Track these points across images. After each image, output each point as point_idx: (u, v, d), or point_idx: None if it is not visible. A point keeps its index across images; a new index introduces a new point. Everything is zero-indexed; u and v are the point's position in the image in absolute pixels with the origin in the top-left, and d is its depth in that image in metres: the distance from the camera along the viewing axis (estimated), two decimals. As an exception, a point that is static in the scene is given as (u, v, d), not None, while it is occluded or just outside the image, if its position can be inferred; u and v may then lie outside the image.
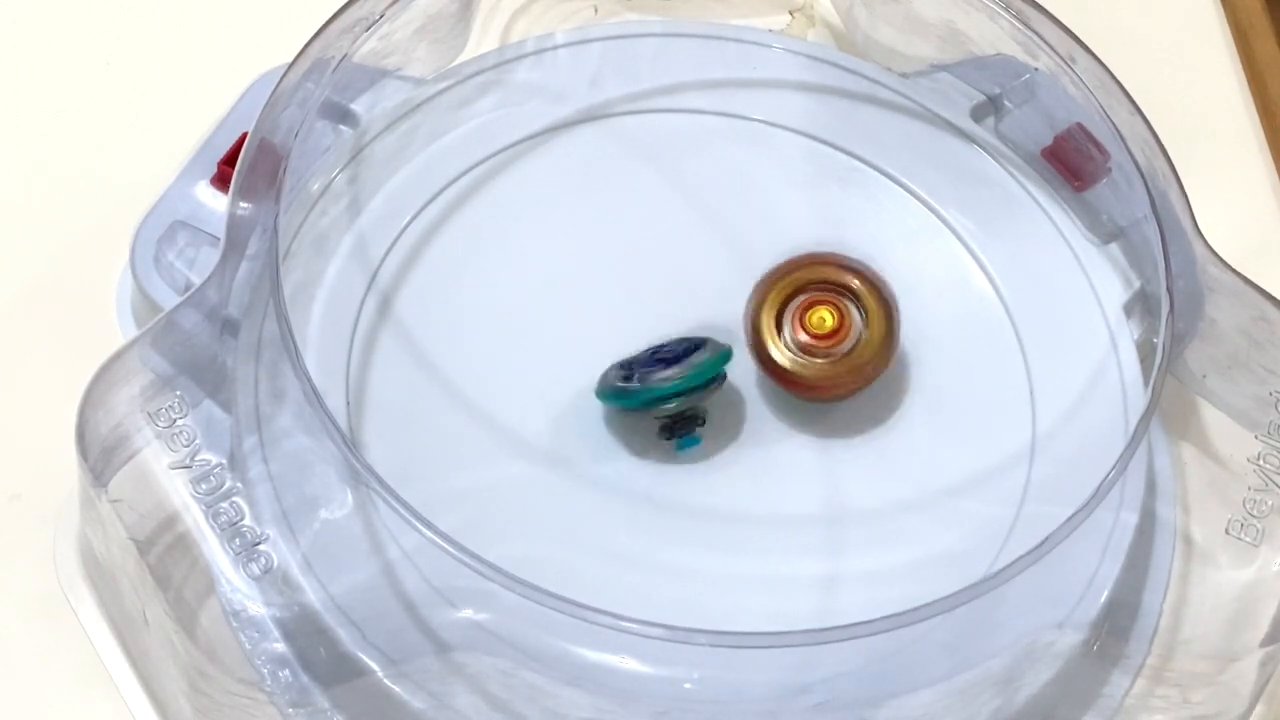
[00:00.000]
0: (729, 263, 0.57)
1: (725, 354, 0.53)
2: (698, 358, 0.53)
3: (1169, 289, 0.53)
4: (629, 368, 0.53)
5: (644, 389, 0.52)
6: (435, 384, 0.54)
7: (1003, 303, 0.57)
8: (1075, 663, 0.51)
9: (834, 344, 0.53)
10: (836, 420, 0.55)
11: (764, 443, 0.54)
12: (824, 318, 0.53)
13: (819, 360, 0.53)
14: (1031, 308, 0.57)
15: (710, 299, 0.56)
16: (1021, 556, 0.47)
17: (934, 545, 0.53)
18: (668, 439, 0.53)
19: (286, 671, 0.48)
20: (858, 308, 0.54)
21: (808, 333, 0.53)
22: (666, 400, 0.52)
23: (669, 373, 0.52)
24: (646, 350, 0.54)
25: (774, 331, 0.53)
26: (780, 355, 0.53)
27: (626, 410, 0.53)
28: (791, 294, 0.54)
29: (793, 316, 0.53)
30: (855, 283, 0.54)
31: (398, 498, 0.46)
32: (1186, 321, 0.55)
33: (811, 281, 0.54)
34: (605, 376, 0.53)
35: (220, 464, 0.48)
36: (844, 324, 0.53)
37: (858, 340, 0.53)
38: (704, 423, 0.53)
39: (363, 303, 0.55)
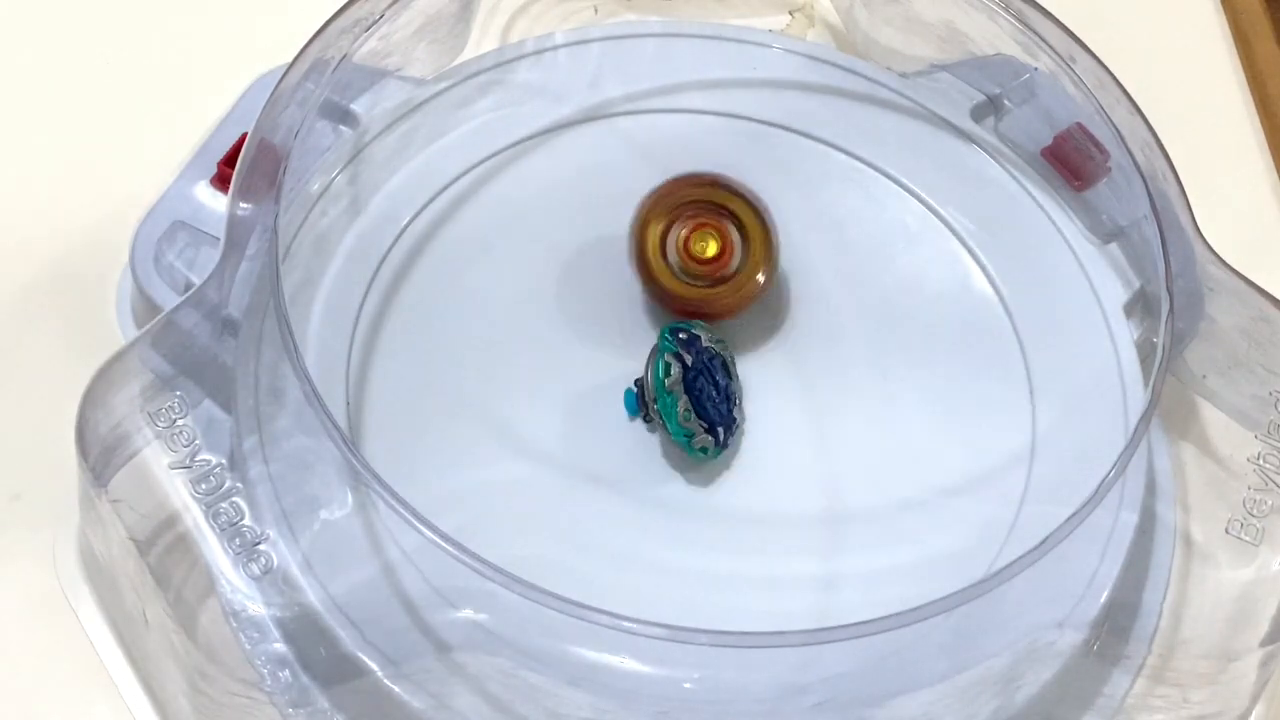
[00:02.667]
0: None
1: (703, 455, 0.53)
2: (698, 435, 0.53)
3: (1169, 289, 0.52)
4: (689, 349, 0.54)
5: (661, 378, 0.53)
6: (436, 384, 0.54)
7: (1003, 303, 0.57)
8: (1075, 662, 0.51)
9: (718, 268, 0.54)
10: (837, 419, 0.55)
11: (764, 443, 0.54)
12: (707, 244, 0.54)
13: (702, 283, 0.55)
14: (1032, 308, 0.57)
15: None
16: (1021, 557, 0.47)
17: (934, 545, 0.53)
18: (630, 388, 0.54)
19: (286, 672, 0.48)
20: (738, 230, 0.55)
21: (692, 258, 0.54)
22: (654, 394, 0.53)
23: (675, 409, 0.53)
24: (716, 364, 0.54)
25: (659, 255, 0.55)
26: (665, 279, 0.55)
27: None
28: (674, 217, 0.55)
29: (677, 242, 0.55)
30: (734, 205, 0.55)
31: (397, 497, 0.46)
32: (1187, 321, 0.55)
33: (693, 202, 0.55)
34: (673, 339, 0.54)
35: (220, 464, 0.48)
36: (726, 249, 0.55)
37: (739, 264, 0.55)
38: (648, 421, 0.54)
39: (363, 303, 0.55)
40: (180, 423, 0.49)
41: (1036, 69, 0.59)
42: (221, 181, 0.55)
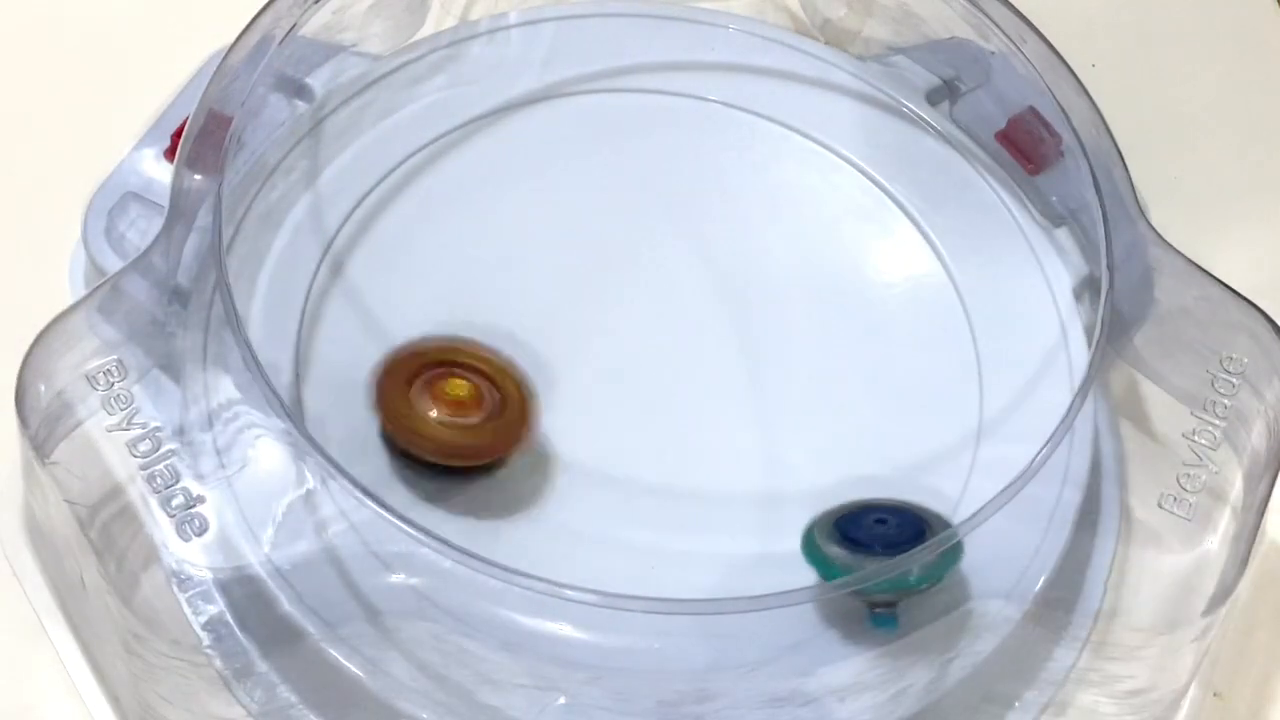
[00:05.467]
0: (682, 242, 0.57)
1: (949, 562, 0.49)
2: (921, 556, 0.48)
3: (1109, 265, 0.53)
4: (846, 532, 0.49)
5: (843, 572, 0.49)
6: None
7: (954, 285, 0.58)
8: (1016, 637, 0.51)
9: (472, 411, 0.51)
10: (784, 398, 0.55)
11: (711, 423, 0.55)
12: (458, 386, 0.51)
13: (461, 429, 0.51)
14: (982, 290, 0.57)
15: (663, 278, 0.56)
16: (948, 530, 0.47)
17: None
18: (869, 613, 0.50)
19: (223, 634, 0.48)
20: (483, 379, 0.52)
21: (445, 403, 0.51)
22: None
23: (876, 567, 0.48)
24: (874, 510, 0.50)
25: (409, 407, 0.51)
26: (427, 428, 0.51)
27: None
28: (414, 375, 0.51)
29: (422, 391, 0.51)
30: (471, 360, 0.52)
31: (328, 457, 0.46)
32: (1136, 306, 0.55)
33: (431, 364, 0.52)
34: (816, 530, 0.50)
35: (157, 426, 0.48)
36: (479, 391, 0.51)
37: (495, 406, 0.51)
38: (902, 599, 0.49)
39: (314, 277, 0.55)
40: (119, 386, 0.49)
41: (992, 52, 0.59)
42: (174, 154, 0.55)
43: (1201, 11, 0.68)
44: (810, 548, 0.50)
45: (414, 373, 0.51)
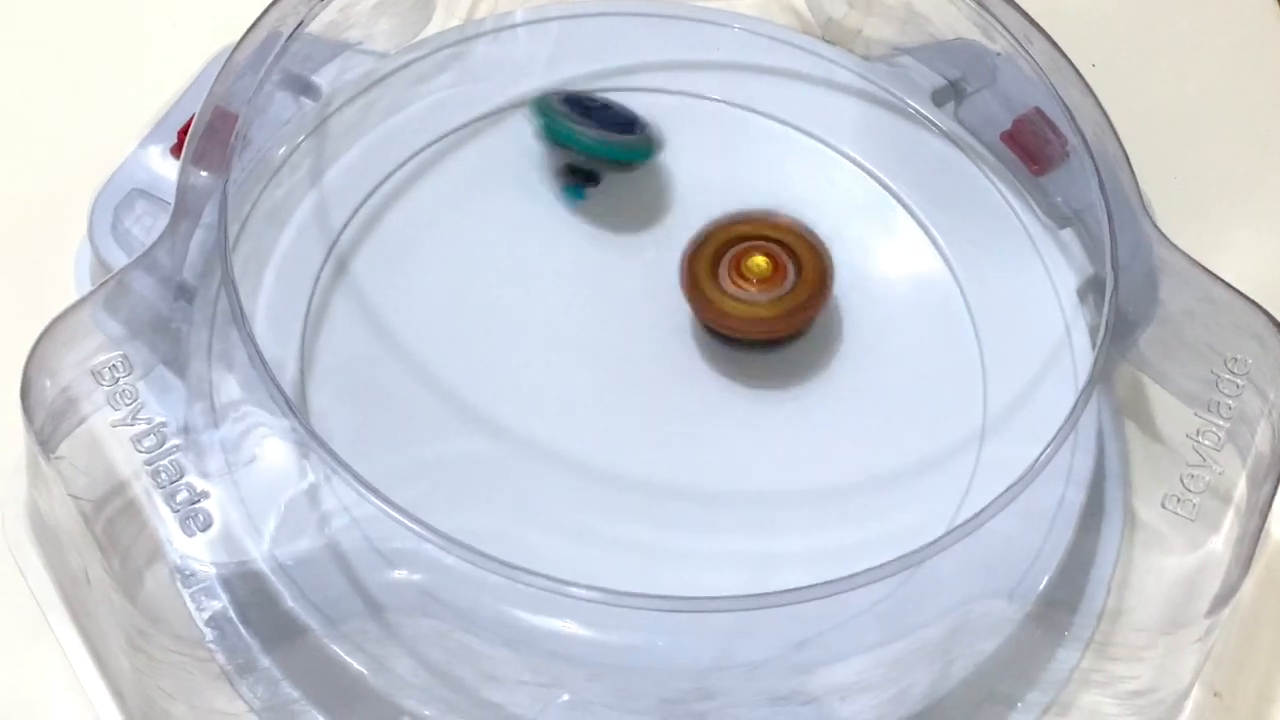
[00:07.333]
0: (688, 239, 0.57)
1: (650, 150, 0.57)
2: (630, 138, 0.56)
3: (1113, 266, 0.53)
4: (574, 105, 0.56)
5: (569, 130, 0.56)
6: (392, 356, 0.54)
7: (958, 286, 0.58)
8: (1019, 637, 0.51)
9: (769, 288, 0.55)
10: (788, 400, 0.55)
11: (715, 422, 0.55)
12: (759, 263, 0.55)
13: (756, 305, 0.55)
14: (987, 291, 0.57)
15: (668, 273, 0.56)
16: (953, 530, 0.47)
17: (882, 524, 0.53)
18: (561, 184, 0.56)
19: (226, 630, 0.48)
20: (790, 256, 0.55)
21: (744, 278, 0.55)
22: (580, 150, 0.56)
23: (595, 133, 0.56)
24: (597, 100, 0.57)
25: (711, 279, 0.55)
26: (718, 300, 0.55)
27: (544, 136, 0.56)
28: (725, 247, 0.55)
29: (728, 265, 0.55)
30: (787, 236, 0.56)
31: (335, 456, 0.46)
32: (1140, 308, 0.55)
33: (744, 236, 0.56)
34: (550, 99, 0.56)
35: (162, 421, 0.48)
36: (779, 269, 0.55)
37: (792, 284, 0.55)
38: (597, 183, 0.56)
39: (319, 274, 0.55)
40: (124, 380, 0.49)
41: (998, 53, 0.59)
42: (180, 151, 0.55)
43: (1204, 12, 0.68)
44: (542, 107, 0.56)
45: (718, 252, 0.55)
